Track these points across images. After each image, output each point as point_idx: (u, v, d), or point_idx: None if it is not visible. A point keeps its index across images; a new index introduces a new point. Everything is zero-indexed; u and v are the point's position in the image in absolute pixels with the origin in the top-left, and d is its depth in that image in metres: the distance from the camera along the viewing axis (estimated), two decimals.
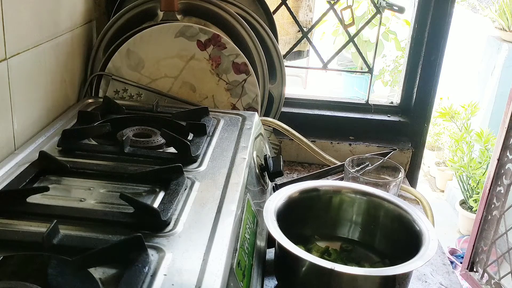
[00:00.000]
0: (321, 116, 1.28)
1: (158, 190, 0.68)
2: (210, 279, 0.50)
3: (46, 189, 0.63)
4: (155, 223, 0.59)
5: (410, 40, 1.24)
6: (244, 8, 1.06)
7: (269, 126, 1.11)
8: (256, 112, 0.99)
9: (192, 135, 0.84)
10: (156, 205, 0.62)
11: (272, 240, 0.72)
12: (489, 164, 1.42)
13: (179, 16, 1.03)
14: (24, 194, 0.62)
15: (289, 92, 1.20)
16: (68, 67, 0.98)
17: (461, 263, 1.92)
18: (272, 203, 0.76)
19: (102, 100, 0.94)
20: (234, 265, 0.56)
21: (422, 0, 1.20)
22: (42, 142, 0.80)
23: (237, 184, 0.70)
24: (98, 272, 0.52)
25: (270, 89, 1.10)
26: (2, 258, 0.51)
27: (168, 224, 0.59)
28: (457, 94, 3.10)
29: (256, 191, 0.78)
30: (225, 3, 1.04)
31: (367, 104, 1.30)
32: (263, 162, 0.87)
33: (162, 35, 1.00)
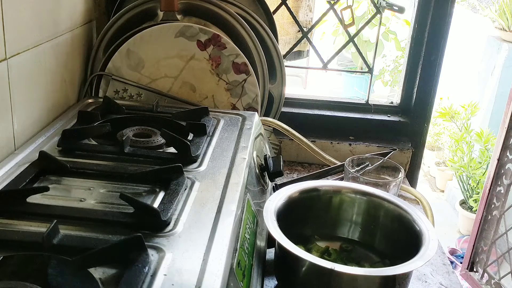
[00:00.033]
0: (321, 116, 1.28)
1: (158, 190, 0.68)
2: (210, 279, 0.50)
3: (46, 189, 0.63)
4: (155, 223, 0.59)
5: (410, 40, 1.24)
6: (244, 8, 1.06)
7: (269, 126, 1.11)
8: (256, 112, 0.99)
9: (192, 135, 0.84)
10: (156, 205, 0.62)
11: (272, 240, 0.72)
12: (489, 164, 1.42)
13: (179, 16, 1.03)
14: (24, 194, 0.62)
15: (289, 92, 1.20)
16: (68, 67, 0.98)
17: (461, 263, 1.92)
18: (272, 203, 0.76)
19: (102, 100, 0.94)
20: (234, 265, 0.56)
21: (422, 0, 1.20)
22: (42, 142, 0.80)
23: (237, 184, 0.70)
24: (98, 272, 0.52)
25: (270, 89, 1.10)
26: (2, 258, 0.51)
27: (168, 224, 0.59)
28: (457, 94, 3.10)
29: (256, 191, 0.78)
30: (225, 3, 1.04)
31: (367, 104, 1.30)
32: (263, 162, 0.87)
33: (162, 35, 1.00)
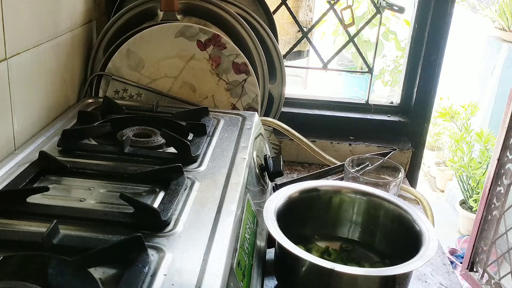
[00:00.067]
0: (321, 116, 1.28)
1: (158, 190, 0.68)
2: (210, 279, 0.50)
3: (46, 189, 0.63)
4: (155, 223, 0.59)
5: (410, 40, 1.24)
6: (244, 8, 1.06)
7: (269, 126, 1.11)
8: (256, 112, 0.99)
9: (192, 135, 0.84)
10: (156, 205, 0.62)
11: (272, 240, 0.72)
12: (489, 164, 1.42)
13: (179, 16, 1.03)
14: (24, 194, 0.62)
15: (289, 92, 1.20)
16: (68, 67, 0.98)
17: (461, 263, 1.92)
18: (272, 203, 0.76)
19: (102, 100, 0.94)
20: (234, 265, 0.56)
21: (422, 0, 1.20)
22: (42, 142, 0.80)
23: (237, 184, 0.70)
24: (98, 272, 0.52)
25: (270, 89, 1.10)
26: (2, 258, 0.51)
27: (168, 224, 0.59)
28: (457, 94, 3.10)
29: (256, 191, 0.78)
30: (225, 3, 1.04)
31: (367, 104, 1.30)
32: (263, 162, 0.87)
33: (162, 35, 1.00)
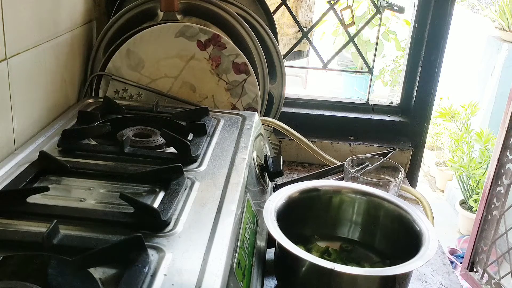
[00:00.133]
0: (321, 116, 1.28)
1: (158, 190, 0.68)
2: (210, 279, 0.50)
3: (46, 189, 0.63)
4: (155, 223, 0.59)
5: (410, 40, 1.24)
6: (244, 8, 1.06)
7: (269, 126, 1.11)
8: (256, 112, 0.99)
9: (192, 135, 0.84)
10: (156, 205, 0.62)
11: (272, 240, 0.72)
12: (489, 164, 1.42)
13: (179, 16, 1.03)
14: (24, 194, 0.62)
15: (289, 92, 1.20)
16: (68, 67, 0.98)
17: (461, 263, 1.92)
18: (272, 203, 0.76)
19: (102, 100, 0.94)
20: (234, 265, 0.56)
21: (422, 0, 1.20)
22: (42, 142, 0.80)
23: (237, 184, 0.70)
24: (98, 272, 0.52)
25: (270, 89, 1.10)
26: (2, 258, 0.51)
27: (168, 224, 0.59)
28: (457, 94, 3.10)
29: (256, 191, 0.78)
30: (225, 3, 1.04)
31: (367, 104, 1.30)
32: (263, 162, 0.87)
33: (162, 35, 1.00)
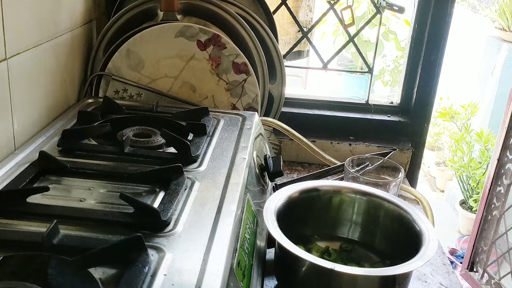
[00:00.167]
0: (321, 116, 1.28)
1: (158, 190, 0.68)
2: (210, 279, 0.50)
3: (46, 189, 0.63)
4: (155, 223, 0.59)
5: (410, 40, 1.24)
6: (244, 8, 1.06)
7: (269, 126, 1.11)
8: (256, 112, 0.99)
9: (192, 135, 0.84)
10: (156, 205, 0.62)
11: (272, 240, 0.72)
12: (489, 164, 1.42)
13: (179, 16, 1.03)
14: (24, 194, 0.62)
15: (289, 92, 1.20)
16: (68, 67, 0.98)
17: (461, 263, 1.92)
18: (272, 203, 0.76)
19: (102, 100, 0.94)
20: (234, 265, 0.56)
21: (422, 0, 1.20)
22: (42, 142, 0.80)
23: (237, 184, 0.70)
24: (98, 272, 0.52)
25: (270, 89, 1.10)
26: (2, 258, 0.51)
27: (168, 224, 0.59)
28: (457, 94, 3.10)
29: (256, 191, 0.78)
30: (225, 3, 1.04)
31: (367, 104, 1.30)
32: (263, 162, 0.87)
33: (162, 35, 1.00)
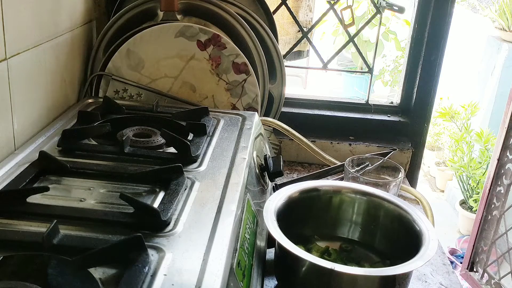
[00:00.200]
0: (321, 116, 1.28)
1: (158, 190, 0.68)
2: (210, 279, 0.50)
3: (46, 189, 0.63)
4: (155, 223, 0.59)
5: (410, 40, 1.24)
6: (244, 8, 1.06)
7: (269, 126, 1.11)
8: (256, 112, 0.99)
9: (192, 135, 0.84)
10: (156, 205, 0.62)
11: (272, 240, 0.72)
12: (489, 164, 1.42)
13: (179, 16, 1.03)
14: (24, 194, 0.62)
15: (289, 92, 1.20)
16: (68, 67, 0.98)
17: (461, 263, 1.92)
18: (272, 203, 0.76)
19: (102, 100, 0.94)
20: (234, 265, 0.56)
21: (422, 0, 1.20)
22: (42, 142, 0.80)
23: (237, 184, 0.70)
24: (98, 272, 0.52)
25: (270, 89, 1.10)
26: (2, 258, 0.51)
27: (168, 224, 0.59)
28: (457, 94, 3.10)
29: (256, 191, 0.78)
30: (225, 3, 1.04)
31: (367, 104, 1.30)
32: (263, 162, 0.87)
33: (162, 35, 1.00)
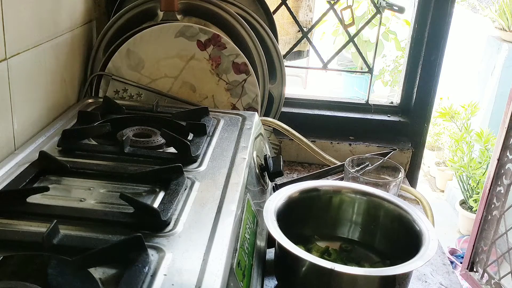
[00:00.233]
0: (321, 116, 1.28)
1: (158, 190, 0.68)
2: (210, 279, 0.50)
3: (46, 189, 0.63)
4: (155, 223, 0.59)
5: (410, 40, 1.24)
6: (244, 8, 1.06)
7: (269, 126, 1.11)
8: (256, 112, 0.99)
9: (192, 135, 0.84)
10: (156, 205, 0.62)
11: (272, 240, 0.72)
12: (489, 164, 1.42)
13: (179, 16, 1.03)
14: (24, 194, 0.62)
15: (289, 92, 1.20)
16: (68, 67, 0.98)
17: (461, 263, 1.92)
18: (272, 203, 0.76)
19: (102, 100, 0.94)
20: (234, 265, 0.56)
21: (422, 0, 1.20)
22: (42, 142, 0.80)
23: (237, 184, 0.70)
24: (98, 272, 0.52)
25: (270, 89, 1.10)
26: (2, 258, 0.51)
27: (168, 224, 0.59)
28: (457, 94, 3.10)
29: (256, 191, 0.78)
30: (225, 3, 1.04)
31: (367, 104, 1.30)
32: (263, 162, 0.87)
33: (162, 35, 1.00)
